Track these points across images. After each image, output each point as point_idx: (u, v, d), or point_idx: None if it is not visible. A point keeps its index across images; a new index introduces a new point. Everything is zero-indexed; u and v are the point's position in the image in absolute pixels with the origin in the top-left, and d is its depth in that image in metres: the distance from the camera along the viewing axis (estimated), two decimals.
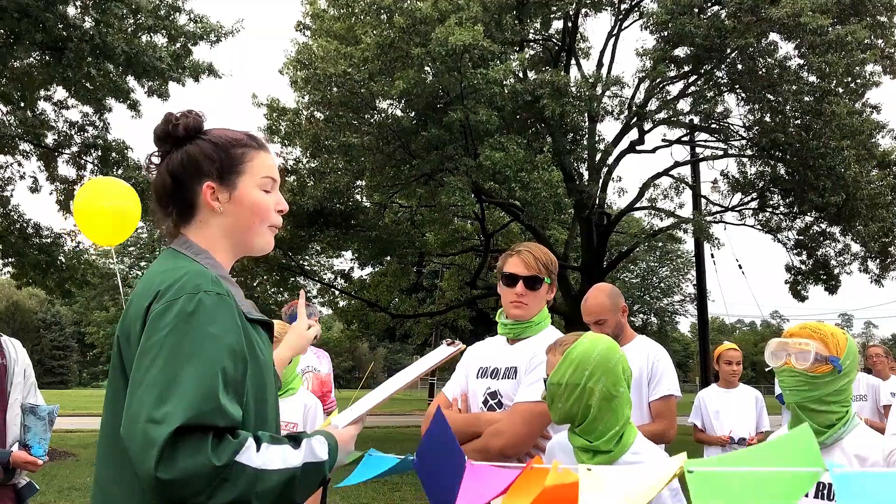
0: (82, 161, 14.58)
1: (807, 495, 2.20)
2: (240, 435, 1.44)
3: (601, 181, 15.96)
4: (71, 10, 12.19)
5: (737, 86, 15.26)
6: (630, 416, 2.18)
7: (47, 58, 12.40)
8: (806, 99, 14.18)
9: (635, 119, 15.71)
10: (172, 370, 1.39)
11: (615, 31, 16.50)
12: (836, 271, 17.53)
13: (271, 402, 1.65)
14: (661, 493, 2.07)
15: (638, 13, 16.05)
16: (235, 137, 1.72)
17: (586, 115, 14.85)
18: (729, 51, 14.25)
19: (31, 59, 12.89)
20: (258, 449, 1.44)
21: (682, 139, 17.71)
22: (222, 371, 1.44)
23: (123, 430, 1.41)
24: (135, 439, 1.37)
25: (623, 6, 16.24)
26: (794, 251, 17.93)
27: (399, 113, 15.13)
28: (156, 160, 1.72)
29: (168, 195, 1.69)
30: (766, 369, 2.33)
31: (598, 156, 15.85)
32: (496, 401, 2.68)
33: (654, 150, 17.24)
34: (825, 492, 2.16)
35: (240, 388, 1.50)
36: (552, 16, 15.90)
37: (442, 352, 2.14)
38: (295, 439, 1.55)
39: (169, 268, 1.58)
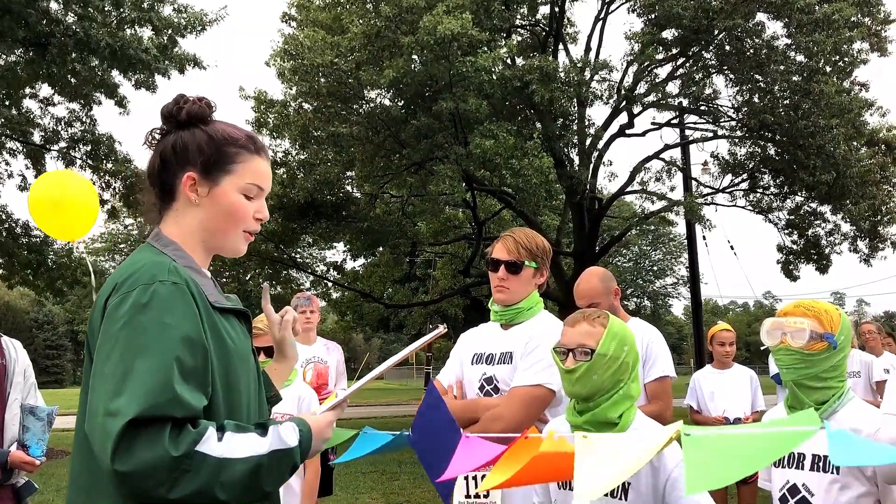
0: (71, 156, 14.50)
1: (802, 467, 2.22)
2: (200, 424, 1.42)
3: (592, 166, 15.95)
4: (53, 5, 12.09)
5: (725, 67, 15.25)
6: (637, 395, 2.23)
7: (31, 54, 12.30)
8: (794, 78, 14.19)
9: (624, 103, 15.69)
10: (126, 362, 1.39)
11: (602, 15, 16.45)
12: (827, 251, 17.62)
13: (245, 390, 1.62)
14: (667, 464, 2.08)
15: None
16: (233, 135, 1.69)
17: (575, 100, 14.82)
18: (717, 32, 14.24)
19: (15, 56, 12.78)
20: (220, 438, 1.43)
21: (672, 122, 17.71)
22: (177, 361, 1.42)
23: (87, 424, 1.41)
24: (95, 433, 1.37)
25: None
26: (786, 231, 18.01)
27: (387, 102, 15.08)
28: (157, 136, 1.71)
29: (154, 175, 1.68)
30: (762, 348, 2.34)
31: (588, 141, 15.84)
32: (492, 386, 2.69)
33: (643, 134, 17.24)
34: (821, 464, 2.17)
35: (201, 377, 1.47)
36: (539, 1, 15.85)
37: (425, 337, 2.15)
38: (262, 427, 1.53)
39: (131, 261, 1.58)
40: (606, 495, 2.14)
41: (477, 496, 2.53)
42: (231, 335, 1.60)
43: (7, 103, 13.62)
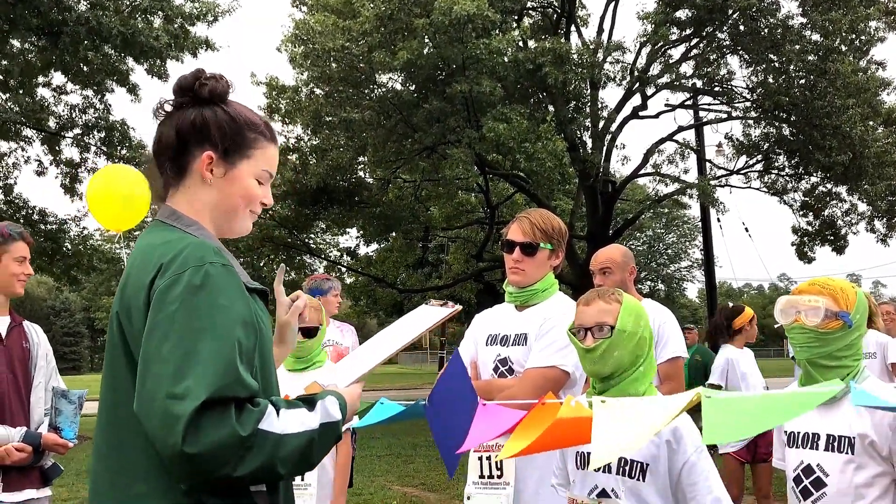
0: (85, 143, 14.59)
1: (817, 447, 2.21)
2: (259, 403, 1.44)
3: (605, 149, 15.86)
4: None
5: (739, 47, 15.08)
6: (654, 374, 2.22)
7: (44, 42, 12.36)
8: (810, 58, 14.02)
9: (637, 84, 15.57)
10: (188, 344, 1.38)
11: None
12: (843, 231, 17.46)
13: (273, 369, 1.66)
14: (686, 448, 2.07)
15: None
16: (253, 121, 1.69)
17: (588, 82, 14.72)
18: (731, 11, 14.07)
19: (28, 45, 12.85)
20: (278, 415, 1.45)
21: (686, 103, 17.56)
22: (238, 342, 1.43)
23: (139, 407, 1.39)
24: (154, 416, 1.36)
25: None
26: (801, 212, 17.85)
27: (399, 87, 15.05)
28: (168, 108, 1.67)
29: (167, 150, 1.65)
30: (776, 326, 2.32)
31: (601, 123, 15.74)
32: (507, 367, 2.69)
33: (657, 116, 17.11)
34: (835, 444, 2.17)
35: (252, 358, 1.50)
36: None
37: (437, 313, 2.11)
38: (309, 402, 1.56)
39: (166, 240, 1.55)
40: (625, 475, 2.14)
41: (490, 477, 2.54)
42: (261, 316, 1.62)
43: (21, 91, 13.71)
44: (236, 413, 1.38)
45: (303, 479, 3.25)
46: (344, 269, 21.69)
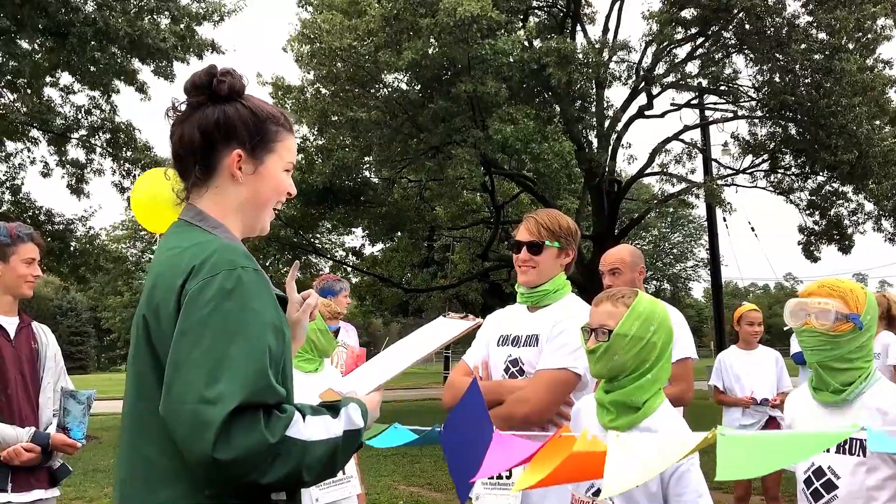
0: (91, 144, 14.63)
1: (828, 450, 2.19)
2: (286, 410, 1.43)
3: (610, 148, 15.85)
4: None
5: (745, 46, 15.04)
6: (666, 380, 2.17)
7: (51, 43, 12.40)
8: (816, 57, 13.98)
9: (643, 84, 15.54)
10: (220, 349, 1.36)
11: None
12: (850, 231, 17.40)
13: (292, 376, 1.64)
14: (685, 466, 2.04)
15: None
16: (273, 113, 1.67)
17: (593, 81, 14.70)
18: (736, 11, 14.04)
19: (35, 45, 12.89)
20: (304, 421, 1.44)
21: (692, 102, 17.52)
22: (268, 348, 1.42)
23: (166, 410, 1.37)
24: (183, 420, 1.34)
25: None
26: (807, 212, 17.79)
27: (405, 87, 15.06)
28: (182, 108, 1.63)
29: (193, 152, 1.61)
30: (785, 329, 2.30)
31: (607, 123, 15.72)
32: (518, 368, 2.68)
33: (663, 115, 17.06)
34: (846, 446, 2.15)
35: (279, 364, 1.48)
36: None
37: (456, 326, 2.13)
38: (333, 409, 1.55)
39: (195, 242, 1.52)
40: None
41: (499, 477, 2.53)
42: (284, 322, 1.60)
43: (29, 92, 13.75)
44: (265, 419, 1.37)
45: (344, 473, 3.29)
46: (349, 269, 21.73)
